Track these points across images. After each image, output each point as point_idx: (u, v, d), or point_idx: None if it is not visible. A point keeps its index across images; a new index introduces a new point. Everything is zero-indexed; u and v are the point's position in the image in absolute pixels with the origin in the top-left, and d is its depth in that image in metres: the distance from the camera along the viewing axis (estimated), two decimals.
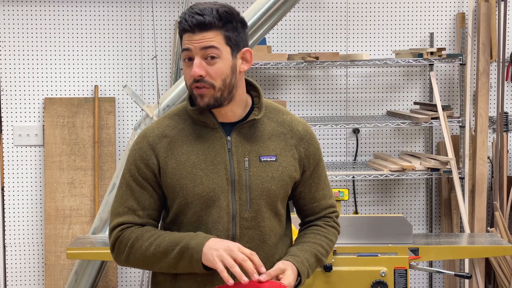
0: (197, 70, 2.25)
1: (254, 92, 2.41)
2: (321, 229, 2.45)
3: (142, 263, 2.31)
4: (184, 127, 2.35)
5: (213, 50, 2.26)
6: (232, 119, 2.35)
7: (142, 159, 2.34)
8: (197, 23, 2.25)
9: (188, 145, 2.33)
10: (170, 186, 2.32)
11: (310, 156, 2.41)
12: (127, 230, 2.32)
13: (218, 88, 2.27)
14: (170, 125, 2.36)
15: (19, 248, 5.05)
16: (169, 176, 2.31)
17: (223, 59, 2.27)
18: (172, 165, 2.31)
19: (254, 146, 2.34)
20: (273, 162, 2.34)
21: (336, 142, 5.19)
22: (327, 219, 2.48)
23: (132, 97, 4.33)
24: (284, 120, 2.41)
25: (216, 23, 2.26)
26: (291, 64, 4.72)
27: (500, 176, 5.04)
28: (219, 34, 2.27)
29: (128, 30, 5.04)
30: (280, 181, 2.34)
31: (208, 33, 2.25)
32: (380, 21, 5.15)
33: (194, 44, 2.26)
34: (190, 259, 2.23)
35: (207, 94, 2.27)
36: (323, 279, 3.63)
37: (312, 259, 2.37)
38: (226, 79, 2.28)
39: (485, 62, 5.04)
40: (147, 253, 2.28)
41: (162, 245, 2.26)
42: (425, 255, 3.80)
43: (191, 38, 2.26)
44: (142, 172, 2.33)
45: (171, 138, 2.34)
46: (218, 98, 2.28)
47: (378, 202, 5.20)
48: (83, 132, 4.98)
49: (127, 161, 2.37)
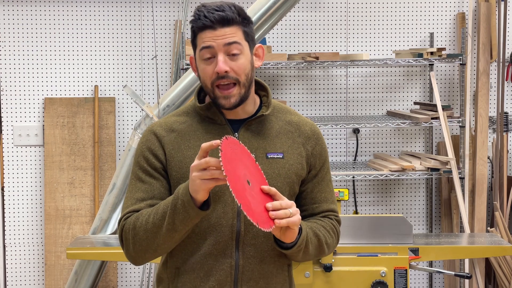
0: (223, 66, 2.23)
1: (262, 92, 2.41)
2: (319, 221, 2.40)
3: (146, 241, 2.25)
4: (192, 123, 2.35)
5: (236, 46, 2.25)
6: (241, 116, 2.35)
7: (149, 150, 2.33)
8: (220, 18, 2.23)
9: (195, 140, 2.32)
10: (175, 179, 2.31)
11: (317, 155, 2.40)
12: (128, 219, 2.29)
13: (243, 84, 2.26)
14: (178, 121, 2.36)
15: (19, 248, 5.05)
16: (175, 169, 2.31)
17: (245, 55, 2.27)
18: (178, 159, 2.31)
19: (261, 143, 2.34)
20: (280, 159, 2.34)
21: (336, 142, 5.19)
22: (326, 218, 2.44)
23: (132, 97, 4.33)
24: (292, 119, 2.41)
25: (237, 18, 2.25)
26: (291, 64, 4.72)
27: (500, 176, 5.05)
28: (239, 30, 2.26)
29: (128, 30, 5.04)
30: (286, 178, 2.34)
31: (230, 29, 2.24)
32: (380, 21, 5.15)
33: (217, 40, 2.23)
34: (183, 207, 2.16)
35: (235, 94, 2.26)
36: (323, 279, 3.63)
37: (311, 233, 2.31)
38: (248, 74, 2.28)
39: (485, 62, 5.04)
40: (148, 227, 2.23)
41: (158, 211, 2.22)
42: (425, 255, 3.80)
43: (213, 34, 2.23)
44: (151, 162, 2.32)
45: (178, 133, 2.34)
46: (242, 96, 2.27)
47: (378, 202, 5.20)
48: (83, 132, 4.98)
49: (135, 155, 2.37)
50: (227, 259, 2.30)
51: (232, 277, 2.31)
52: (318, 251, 2.37)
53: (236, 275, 2.31)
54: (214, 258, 2.30)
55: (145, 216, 2.25)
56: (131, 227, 2.27)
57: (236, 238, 2.30)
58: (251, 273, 2.32)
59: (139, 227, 2.25)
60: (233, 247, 2.30)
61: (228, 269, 2.30)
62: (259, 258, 2.32)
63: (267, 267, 2.34)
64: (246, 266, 2.31)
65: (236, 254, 2.30)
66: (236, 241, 2.30)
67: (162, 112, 4.33)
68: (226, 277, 2.31)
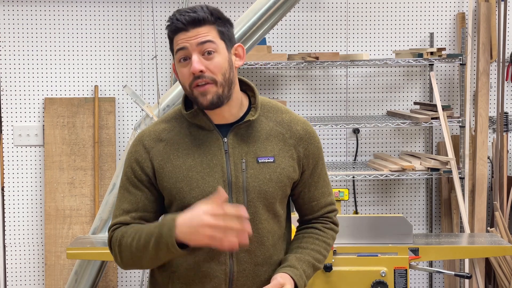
0: (197, 66, 2.22)
1: (251, 92, 2.38)
2: (320, 232, 2.43)
3: (132, 260, 2.29)
4: (181, 130, 2.34)
5: (210, 45, 2.24)
6: (229, 120, 2.32)
7: (137, 162, 2.33)
8: (191, 19, 2.23)
9: (184, 148, 2.31)
10: (167, 190, 2.31)
11: (310, 156, 2.38)
12: (116, 231, 2.33)
13: (220, 83, 2.24)
14: (166, 129, 2.35)
15: (19, 248, 5.05)
16: (166, 179, 2.30)
17: (220, 53, 2.25)
18: (168, 169, 2.30)
19: (251, 147, 2.32)
20: (271, 163, 2.32)
21: (336, 142, 5.19)
22: (326, 220, 2.45)
23: (132, 97, 4.33)
24: (283, 119, 2.38)
25: (209, 17, 2.25)
26: (291, 64, 4.72)
27: (500, 176, 5.04)
28: (212, 29, 2.25)
29: (128, 30, 5.04)
30: (278, 183, 2.32)
31: (202, 28, 2.24)
32: (380, 21, 5.15)
33: (190, 41, 2.23)
34: (166, 247, 2.18)
35: (210, 91, 2.24)
36: (323, 279, 3.63)
37: (309, 270, 2.36)
38: (225, 74, 2.25)
39: (485, 62, 5.04)
40: (132, 249, 2.26)
41: (141, 239, 2.23)
42: (425, 255, 3.80)
43: (185, 36, 2.24)
44: (137, 174, 2.33)
45: (166, 142, 2.33)
46: (220, 95, 2.24)
47: (378, 202, 5.20)
48: (83, 132, 4.98)
49: (124, 164, 2.38)
50: (221, 265, 2.30)
51: (226, 283, 2.31)
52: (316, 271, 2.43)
53: (230, 281, 2.31)
54: (209, 265, 2.30)
55: (129, 238, 2.27)
56: (117, 243, 2.30)
57: None
58: (246, 279, 2.32)
59: (124, 246, 2.29)
60: (226, 253, 2.29)
61: (222, 276, 2.30)
62: (253, 264, 2.32)
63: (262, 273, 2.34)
64: (240, 273, 2.31)
65: (230, 261, 2.30)
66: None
67: (162, 112, 4.33)
68: (220, 284, 2.31)
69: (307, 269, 2.35)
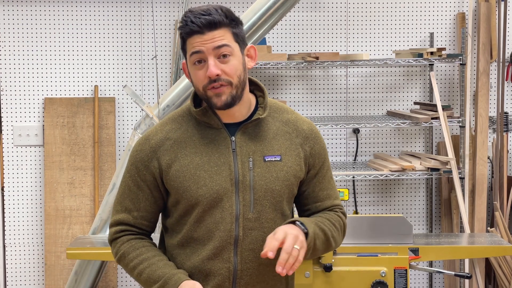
0: (214, 70, 2.22)
1: (259, 92, 2.39)
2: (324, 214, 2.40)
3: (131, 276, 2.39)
4: (188, 128, 2.34)
5: (226, 48, 2.24)
6: (237, 119, 2.33)
7: (142, 161, 2.33)
8: (207, 22, 2.23)
9: (191, 147, 2.31)
10: (174, 189, 2.31)
11: (316, 155, 2.39)
12: (119, 239, 2.38)
13: (235, 85, 2.25)
14: (174, 128, 2.35)
15: (19, 248, 5.05)
16: (173, 178, 2.30)
17: (235, 56, 2.26)
18: (175, 168, 2.30)
19: (258, 146, 2.33)
20: (277, 162, 2.32)
21: (336, 142, 5.19)
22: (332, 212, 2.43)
23: (132, 97, 4.33)
24: (289, 119, 2.39)
25: (224, 20, 2.25)
26: (291, 64, 4.72)
27: (500, 176, 5.04)
28: (227, 32, 2.26)
29: (128, 30, 5.04)
30: (284, 181, 2.33)
31: (217, 32, 2.24)
32: (380, 21, 5.15)
33: (205, 45, 2.23)
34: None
35: (225, 92, 2.24)
36: (323, 279, 3.63)
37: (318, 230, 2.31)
38: (240, 76, 2.26)
39: (485, 62, 5.04)
40: (131, 274, 2.36)
41: (142, 276, 2.31)
42: (425, 255, 3.80)
43: (201, 39, 2.23)
44: (141, 174, 2.34)
45: (174, 141, 2.33)
46: (234, 95, 2.25)
47: (378, 202, 5.20)
48: (83, 132, 4.98)
49: (128, 161, 2.38)
50: (225, 263, 2.30)
51: (230, 281, 2.31)
52: (325, 246, 2.37)
53: (234, 279, 2.31)
54: (213, 263, 2.30)
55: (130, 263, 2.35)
56: (118, 257, 2.38)
57: (235, 243, 2.30)
58: (249, 278, 2.32)
59: (124, 264, 2.37)
60: (231, 251, 2.30)
61: (226, 274, 2.30)
62: (257, 262, 2.32)
63: (266, 272, 2.34)
64: (244, 271, 2.31)
65: (235, 259, 2.30)
66: (235, 246, 2.30)
67: (162, 112, 4.33)
68: (224, 282, 2.31)
69: (315, 227, 2.31)
